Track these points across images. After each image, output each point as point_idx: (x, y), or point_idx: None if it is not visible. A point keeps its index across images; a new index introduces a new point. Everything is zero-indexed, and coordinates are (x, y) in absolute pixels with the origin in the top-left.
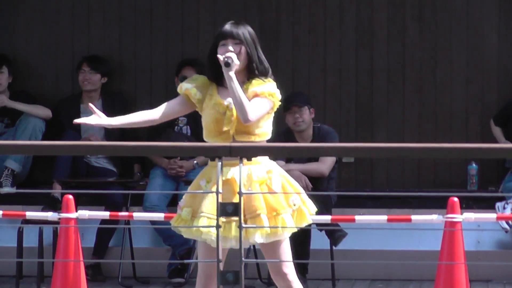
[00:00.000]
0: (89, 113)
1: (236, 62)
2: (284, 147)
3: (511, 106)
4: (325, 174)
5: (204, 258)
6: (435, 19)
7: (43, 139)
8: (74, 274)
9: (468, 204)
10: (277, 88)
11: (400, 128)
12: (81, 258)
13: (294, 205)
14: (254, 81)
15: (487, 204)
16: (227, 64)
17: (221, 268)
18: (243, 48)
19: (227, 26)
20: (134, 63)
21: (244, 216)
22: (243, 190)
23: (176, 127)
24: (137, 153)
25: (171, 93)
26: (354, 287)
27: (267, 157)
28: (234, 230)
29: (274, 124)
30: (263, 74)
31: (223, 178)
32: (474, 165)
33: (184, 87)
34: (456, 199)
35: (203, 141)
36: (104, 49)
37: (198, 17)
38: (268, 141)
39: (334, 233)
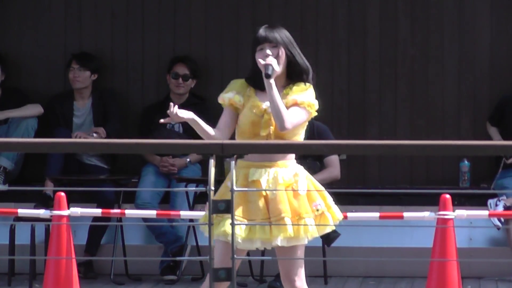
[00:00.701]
0: (81, 111)
1: (277, 69)
2: (276, 144)
3: (504, 103)
4: (339, 178)
5: (221, 258)
6: (427, 16)
7: (35, 136)
8: (66, 271)
9: (460, 201)
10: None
11: (392, 125)
12: (73, 256)
13: (318, 210)
14: (295, 87)
15: (479, 201)
16: (268, 76)
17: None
18: (281, 50)
19: (262, 31)
20: (126, 60)
21: (269, 218)
22: (235, 188)
23: (168, 124)
24: (129, 151)
25: (162, 90)
26: (346, 285)
27: (294, 161)
28: (258, 232)
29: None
30: (305, 74)
31: (249, 180)
32: (466, 162)
33: (226, 98)
34: (448, 196)
35: (195, 138)
36: (96, 46)
37: (190, 13)
38: None
39: (328, 234)
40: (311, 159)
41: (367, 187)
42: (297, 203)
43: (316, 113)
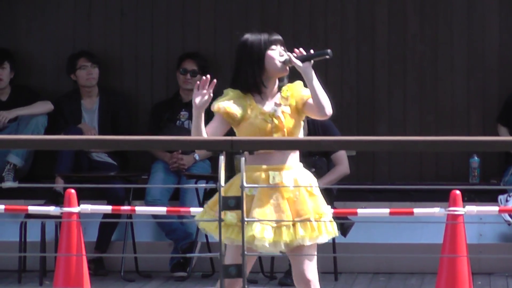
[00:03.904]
0: (89, 110)
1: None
2: (286, 141)
3: (511, 101)
4: (348, 173)
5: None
6: (436, 12)
7: (45, 134)
8: (77, 268)
9: (470, 197)
10: None
11: (402, 121)
12: (84, 252)
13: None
14: (290, 86)
15: (489, 197)
16: (305, 60)
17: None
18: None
19: (275, 34)
20: (135, 57)
21: (293, 219)
22: (245, 184)
23: (177, 121)
24: (139, 147)
25: (172, 87)
26: (356, 281)
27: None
28: (285, 235)
29: None
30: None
31: (270, 182)
32: (476, 158)
33: (222, 105)
34: (458, 192)
35: None
36: (105, 44)
37: (199, 10)
38: None
39: (342, 224)
40: (318, 156)
41: (376, 183)
42: (314, 204)
43: None
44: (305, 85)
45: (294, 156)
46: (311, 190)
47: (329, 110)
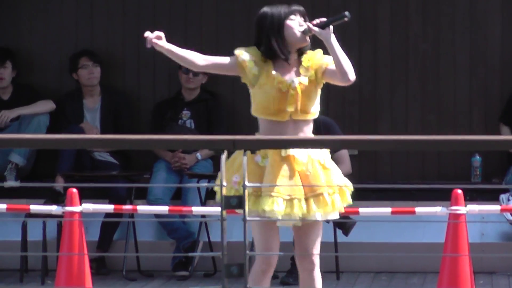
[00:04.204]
0: (91, 110)
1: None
2: (289, 140)
3: None
4: (350, 172)
5: (264, 236)
6: (438, 11)
7: (47, 133)
8: (79, 267)
9: (472, 196)
10: None
11: (404, 121)
12: (86, 252)
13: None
14: (310, 53)
15: (491, 196)
16: (324, 27)
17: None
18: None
19: (294, 5)
20: (137, 56)
21: (306, 194)
22: (247, 184)
23: (180, 120)
24: (141, 147)
25: (174, 86)
26: (358, 280)
27: None
28: (297, 208)
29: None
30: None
31: (283, 155)
32: (477, 157)
33: (242, 56)
34: (460, 191)
35: (206, 134)
36: (107, 43)
37: (201, 9)
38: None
39: (344, 223)
40: None
41: (378, 183)
42: (327, 177)
43: None
44: (325, 53)
45: (307, 132)
46: (324, 164)
47: (352, 75)
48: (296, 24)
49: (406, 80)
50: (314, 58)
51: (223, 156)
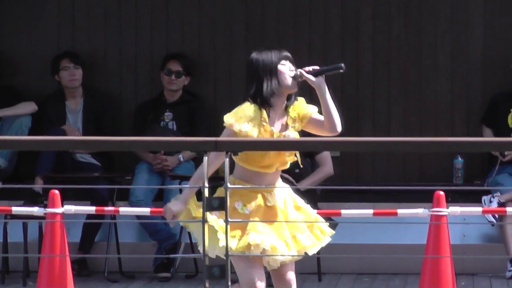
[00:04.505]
0: (73, 111)
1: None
2: (271, 141)
3: (496, 101)
4: (332, 174)
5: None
6: (420, 13)
7: (29, 134)
8: (60, 269)
9: (454, 198)
10: None
11: (386, 122)
12: (67, 253)
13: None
14: (297, 103)
15: (473, 198)
16: (318, 74)
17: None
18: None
19: (283, 50)
20: (119, 58)
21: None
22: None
23: (162, 122)
24: (123, 148)
25: (156, 88)
26: (340, 281)
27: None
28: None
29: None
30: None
31: (268, 205)
32: (459, 159)
33: (244, 130)
34: (442, 192)
35: (188, 135)
36: (89, 44)
37: (183, 10)
38: None
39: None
40: (302, 156)
41: (360, 184)
42: (305, 215)
43: None
44: (308, 102)
45: (278, 176)
46: (295, 204)
47: (340, 127)
48: (287, 69)
49: (388, 82)
50: (299, 108)
51: (205, 158)
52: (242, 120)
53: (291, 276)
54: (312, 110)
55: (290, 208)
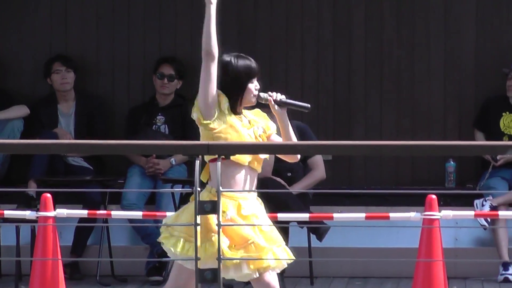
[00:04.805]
0: (65, 115)
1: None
2: (262, 145)
3: (488, 104)
4: (324, 178)
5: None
6: (412, 16)
7: (21, 138)
8: (52, 272)
9: (446, 202)
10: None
11: (378, 125)
12: (59, 257)
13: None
14: (256, 111)
15: (465, 202)
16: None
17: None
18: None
19: (254, 63)
20: (112, 61)
21: (235, 246)
22: (221, 189)
23: (154, 125)
24: (115, 152)
25: (148, 91)
26: (332, 285)
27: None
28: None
29: None
30: None
31: (244, 214)
32: (452, 162)
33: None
34: (434, 196)
35: (181, 139)
36: (82, 47)
37: (176, 14)
38: None
39: (318, 228)
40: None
41: (352, 188)
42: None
43: None
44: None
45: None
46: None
47: (298, 156)
48: (253, 87)
49: (380, 85)
50: (260, 116)
51: (197, 161)
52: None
53: (269, 278)
54: (273, 130)
55: (264, 219)
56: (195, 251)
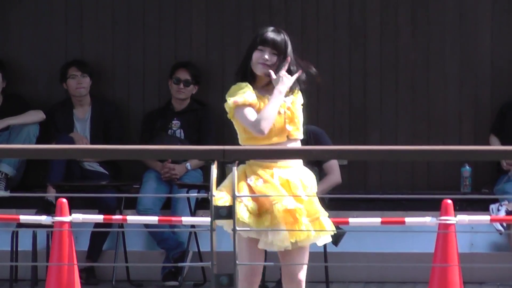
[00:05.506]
0: (81, 120)
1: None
2: (278, 150)
3: (505, 109)
4: (340, 182)
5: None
6: (428, 21)
7: (37, 143)
8: (68, 277)
9: (461, 206)
10: None
11: (393, 130)
12: (75, 262)
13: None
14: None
15: (481, 206)
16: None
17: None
18: (285, 61)
19: (270, 34)
20: (127, 66)
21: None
22: (236, 194)
23: (169, 130)
24: (131, 157)
25: (163, 96)
26: None
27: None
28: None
29: None
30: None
31: (274, 179)
32: (467, 167)
33: (249, 98)
34: (449, 201)
35: (196, 144)
36: (97, 52)
37: (191, 19)
38: None
39: (334, 233)
40: (309, 165)
41: (368, 193)
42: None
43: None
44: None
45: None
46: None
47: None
48: (260, 56)
49: (396, 90)
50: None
51: (213, 166)
52: (242, 91)
53: (302, 277)
54: (301, 99)
55: (308, 191)
56: (211, 256)
